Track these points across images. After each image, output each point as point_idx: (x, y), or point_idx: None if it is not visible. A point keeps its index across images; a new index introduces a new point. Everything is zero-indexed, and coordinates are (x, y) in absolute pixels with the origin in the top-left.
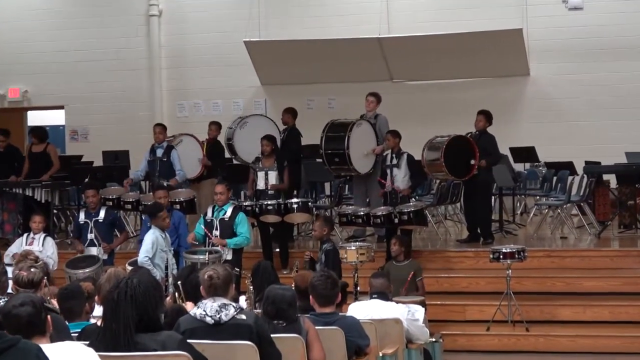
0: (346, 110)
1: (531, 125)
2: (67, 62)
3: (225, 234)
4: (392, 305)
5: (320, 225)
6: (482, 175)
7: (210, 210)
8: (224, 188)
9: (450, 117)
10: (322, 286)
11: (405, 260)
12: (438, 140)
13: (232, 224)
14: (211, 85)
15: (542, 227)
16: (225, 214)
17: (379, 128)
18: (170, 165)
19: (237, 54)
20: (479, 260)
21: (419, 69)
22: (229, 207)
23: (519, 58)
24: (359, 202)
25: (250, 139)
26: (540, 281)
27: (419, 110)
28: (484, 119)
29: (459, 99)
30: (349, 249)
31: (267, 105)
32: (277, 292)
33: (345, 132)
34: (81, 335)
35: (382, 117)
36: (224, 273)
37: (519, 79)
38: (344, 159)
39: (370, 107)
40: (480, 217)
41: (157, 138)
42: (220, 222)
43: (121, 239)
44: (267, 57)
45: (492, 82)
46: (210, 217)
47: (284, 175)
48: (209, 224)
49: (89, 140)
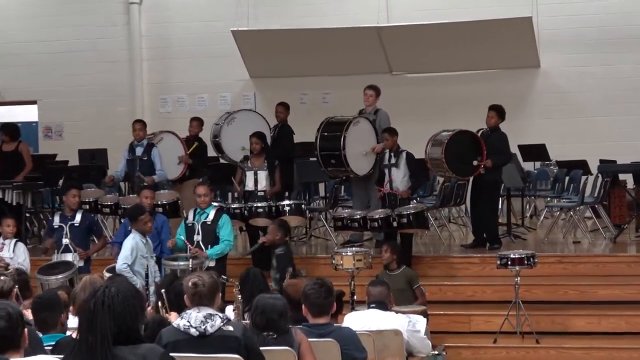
0: (342, 105)
1: (541, 121)
2: (39, 53)
3: (208, 239)
4: (392, 316)
5: (274, 230)
6: (489, 175)
7: (191, 214)
8: (207, 189)
9: (453, 113)
10: (315, 295)
11: (398, 269)
12: (443, 134)
13: (215, 228)
14: (196, 78)
15: (554, 231)
16: (207, 217)
17: (379, 124)
18: (151, 165)
19: (224, 44)
20: (485, 267)
21: (420, 61)
22: (212, 210)
23: (528, 49)
24: (358, 204)
25: (238, 136)
26: (551, 289)
27: (420, 106)
28: (496, 115)
29: (463, 93)
30: (345, 254)
31: (256, 99)
32: (267, 301)
33: (341, 131)
34: (55, 348)
35: (382, 113)
36: (210, 281)
37: (528, 71)
38: (340, 161)
39: (369, 102)
40: (487, 220)
41: (137, 135)
42: (203, 226)
43: (99, 245)
44: (256, 47)
45: (499, 74)
46: (191, 221)
47: (275, 175)
48: (190, 228)
49: (63, 138)
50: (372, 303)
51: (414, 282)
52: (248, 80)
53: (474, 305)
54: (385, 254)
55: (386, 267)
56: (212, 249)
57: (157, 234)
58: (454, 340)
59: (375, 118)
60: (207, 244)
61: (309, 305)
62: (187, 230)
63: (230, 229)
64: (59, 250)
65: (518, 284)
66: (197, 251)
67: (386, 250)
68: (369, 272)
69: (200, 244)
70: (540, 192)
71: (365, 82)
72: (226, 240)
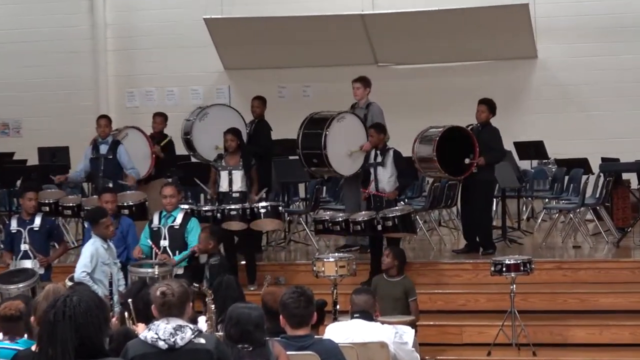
0: (323, 99)
1: (539, 116)
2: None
3: (175, 245)
4: (377, 327)
5: (205, 238)
6: (482, 174)
7: (156, 217)
8: (174, 190)
9: (444, 107)
10: (294, 304)
11: (398, 276)
12: (432, 131)
13: (183, 233)
14: (165, 70)
15: (552, 234)
16: (174, 220)
17: (372, 119)
18: (117, 164)
19: (196, 33)
20: (478, 274)
21: (408, 51)
22: (179, 213)
23: (524, 38)
24: (350, 206)
25: (211, 133)
26: (549, 298)
27: (408, 100)
28: (486, 109)
29: (455, 86)
30: (327, 261)
31: (230, 93)
32: (241, 311)
33: (322, 129)
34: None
35: (374, 107)
36: (180, 289)
37: (524, 62)
38: (322, 161)
39: (358, 95)
40: (480, 224)
41: (102, 132)
42: (170, 231)
43: (60, 250)
44: (231, 37)
45: (492, 66)
46: (157, 224)
47: (252, 175)
48: (156, 232)
49: (21, 135)
50: (356, 313)
51: (411, 294)
52: (222, 72)
53: (466, 315)
54: (386, 258)
55: (385, 272)
56: (179, 256)
57: (122, 238)
58: (445, 353)
59: (367, 113)
60: (175, 250)
61: (288, 316)
62: (153, 235)
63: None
64: (17, 256)
65: (514, 292)
66: (165, 257)
67: (387, 255)
68: (352, 280)
69: (168, 249)
70: (538, 193)
71: (349, 73)
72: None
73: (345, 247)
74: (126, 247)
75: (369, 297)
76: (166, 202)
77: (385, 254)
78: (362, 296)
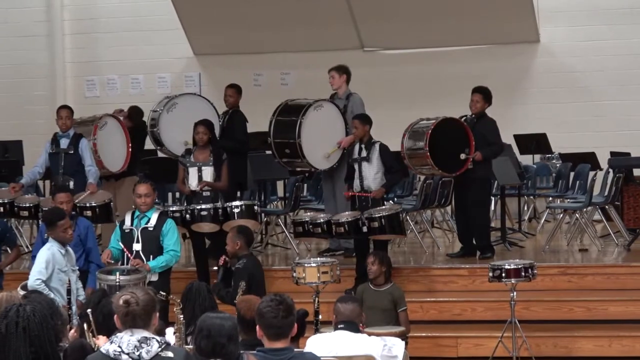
0: (304, 88)
1: (542, 106)
2: None
3: (149, 248)
4: (364, 339)
5: (232, 238)
6: (479, 170)
7: (129, 218)
8: (149, 189)
9: (437, 97)
10: (272, 314)
11: (385, 284)
12: (423, 124)
13: (158, 235)
14: (129, 56)
15: (556, 236)
16: (148, 222)
17: (352, 111)
18: (79, 160)
19: (162, 15)
20: (474, 280)
21: (397, 35)
22: (154, 213)
23: (526, 19)
24: (330, 206)
25: (180, 126)
26: (553, 306)
27: (397, 88)
28: (481, 98)
29: (449, 73)
30: (308, 266)
31: (201, 81)
32: (213, 322)
33: (297, 116)
34: None
35: (355, 98)
36: (145, 298)
37: (525, 46)
38: (295, 151)
39: (336, 84)
40: (477, 225)
41: (63, 125)
42: (143, 233)
43: (12, 256)
44: (201, 19)
45: (490, 51)
46: (129, 226)
47: (222, 171)
48: (128, 235)
49: None
50: (341, 323)
51: (401, 304)
52: (192, 57)
53: (462, 326)
54: (372, 266)
55: (371, 281)
56: (155, 261)
57: (80, 243)
58: None
59: (346, 104)
60: (149, 254)
61: (265, 327)
62: (124, 238)
63: (177, 236)
64: None
65: (514, 300)
66: (139, 263)
67: (373, 262)
68: (336, 287)
69: (141, 254)
70: (541, 191)
71: (332, 59)
72: (172, 251)
73: (328, 252)
74: (84, 252)
75: (355, 305)
76: (141, 201)
77: (370, 262)
78: (348, 305)
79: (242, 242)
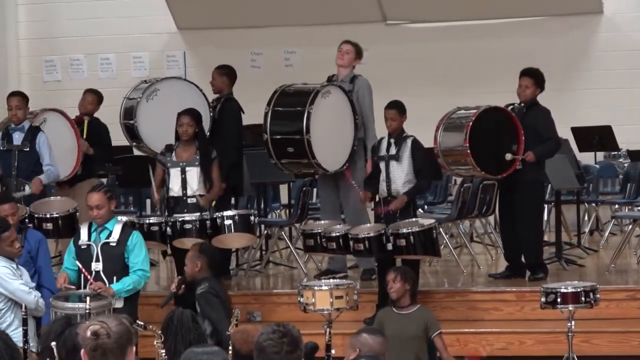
0: (313, 71)
1: (605, 92)
2: None
3: (112, 268)
4: None
5: (191, 259)
6: (529, 172)
7: (85, 232)
8: (102, 198)
9: (476, 80)
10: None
11: (412, 306)
12: (461, 114)
13: (122, 252)
14: (98, 31)
15: (624, 253)
16: (110, 235)
17: (357, 98)
18: (37, 159)
19: None
20: (523, 307)
21: (425, 6)
22: (116, 225)
23: None
24: (329, 212)
25: (162, 117)
26: (620, 338)
27: (427, 69)
28: (532, 83)
29: (489, 52)
30: (319, 289)
31: (186, 62)
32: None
33: (304, 105)
34: None
35: (362, 81)
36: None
37: (585, 19)
38: (303, 149)
39: (345, 62)
40: (526, 239)
41: (15, 116)
42: (104, 250)
43: None
44: None
45: (542, 24)
46: (85, 241)
47: (212, 173)
48: (85, 252)
49: None
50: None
51: (433, 328)
52: (175, 33)
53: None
54: (393, 284)
55: (393, 303)
56: (119, 283)
57: (30, 260)
58: None
59: (352, 88)
60: (112, 275)
61: None
62: (81, 255)
63: (145, 253)
64: None
65: (572, 332)
66: (100, 286)
67: (394, 279)
68: (352, 315)
69: (102, 274)
70: (605, 197)
71: (347, 35)
72: (139, 270)
73: (327, 274)
74: (36, 272)
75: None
76: (94, 214)
77: (391, 279)
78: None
79: (203, 263)
